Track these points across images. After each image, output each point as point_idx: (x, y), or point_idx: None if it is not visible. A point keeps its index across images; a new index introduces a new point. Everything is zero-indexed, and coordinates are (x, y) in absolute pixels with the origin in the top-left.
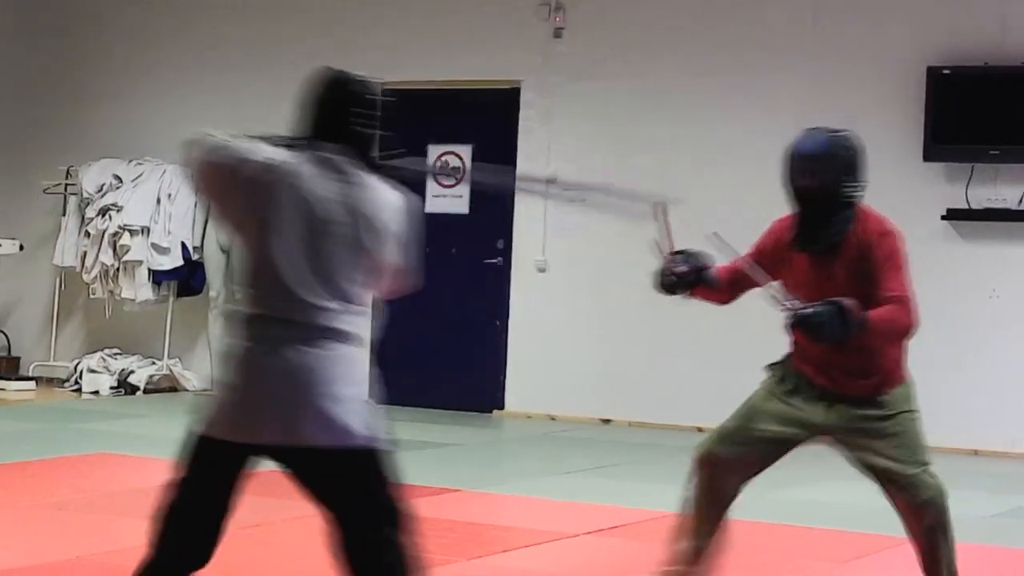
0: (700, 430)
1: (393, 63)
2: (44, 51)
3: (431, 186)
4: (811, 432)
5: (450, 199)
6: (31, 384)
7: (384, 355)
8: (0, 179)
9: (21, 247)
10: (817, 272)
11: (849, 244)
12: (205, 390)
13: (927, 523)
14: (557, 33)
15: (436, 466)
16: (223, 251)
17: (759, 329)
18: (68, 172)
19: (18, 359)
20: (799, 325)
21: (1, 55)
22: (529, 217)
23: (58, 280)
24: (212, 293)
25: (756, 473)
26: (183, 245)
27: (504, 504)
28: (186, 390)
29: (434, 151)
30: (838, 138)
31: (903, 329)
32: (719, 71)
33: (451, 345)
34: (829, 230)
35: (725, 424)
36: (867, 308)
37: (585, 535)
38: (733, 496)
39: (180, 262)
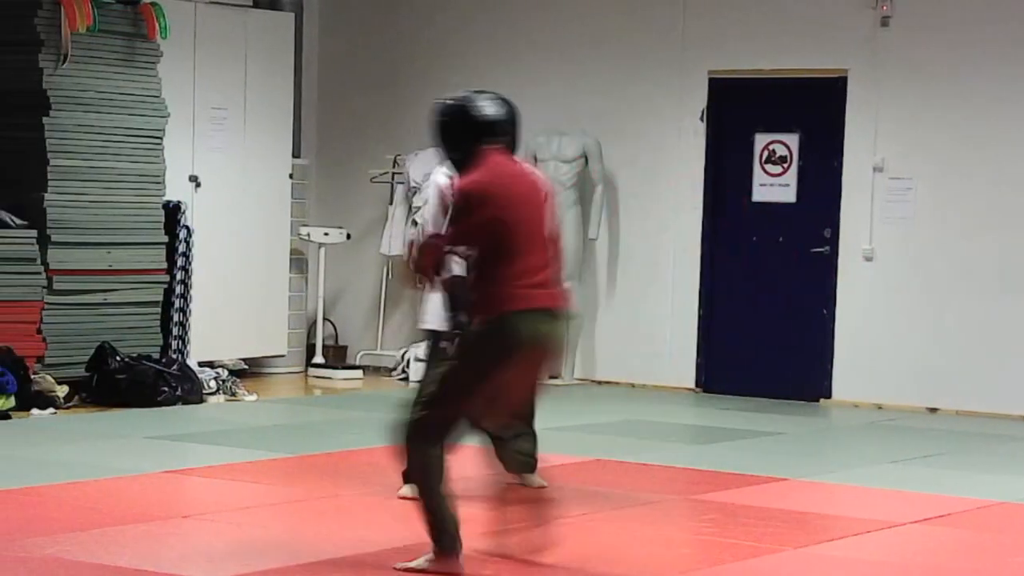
0: None
1: (720, 53)
2: (371, 43)
3: (758, 175)
4: None
5: (777, 188)
6: (358, 373)
7: (712, 344)
8: (328, 169)
9: (348, 236)
10: None
11: None
12: None
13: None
14: (884, 22)
15: (763, 455)
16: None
17: None
18: (395, 161)
19: (345, 348)
20: None
21: (329, 47)
22: (856, 206)
23: (385, 269)
24: None
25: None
26: None
27: (831, 493)
28: None
29: (761, 140)
30: (437, 106)
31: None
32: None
33: (778, 334)
34: None
35: None
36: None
37: (912, 524)
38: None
39: None
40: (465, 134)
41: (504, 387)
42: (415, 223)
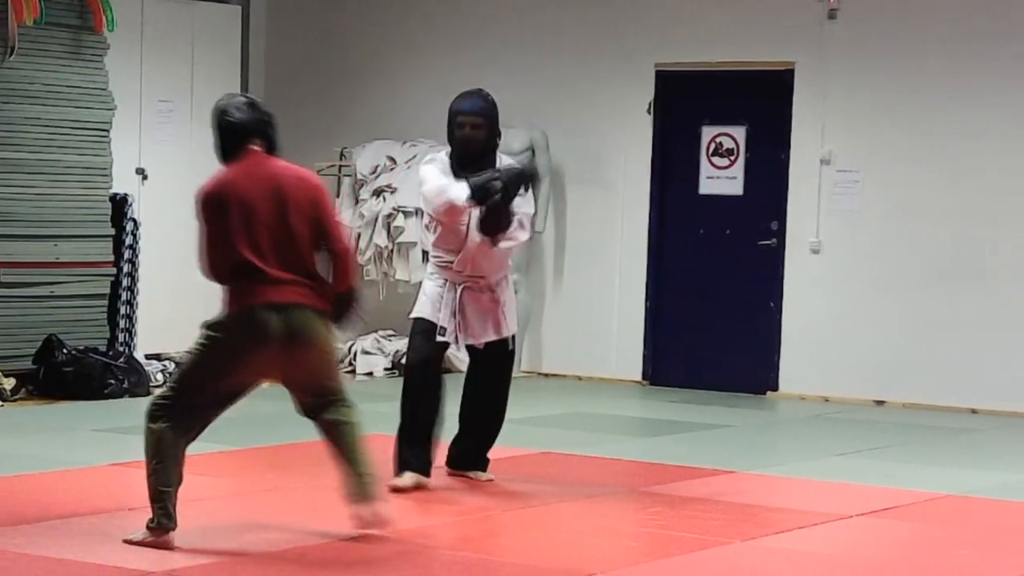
0: (974, 411)
1: (668, 45)
2: (318, 36)
3: (705, 167)
4: None
5: (724, 180)
6: None
7: (658, 336)
8: None
9: None
10: None
11: None
12: None
13: None
14: (831, 14)
15: (710, 448)
16: None
17: None
18: (342, 154)
19: None
20: None
21: (276, 40)
22: (803, 198)
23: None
24: None
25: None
26: None
27: (778, 485)
28: (460, 371)
29: (708, 132)
30: None
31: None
32: (997, 52)
33: (725, 326)
34: None
35: None
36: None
37: (859, 517)
38: None
39: None
40: (221, 138)
41: (248, 379)
42: (362, 216)
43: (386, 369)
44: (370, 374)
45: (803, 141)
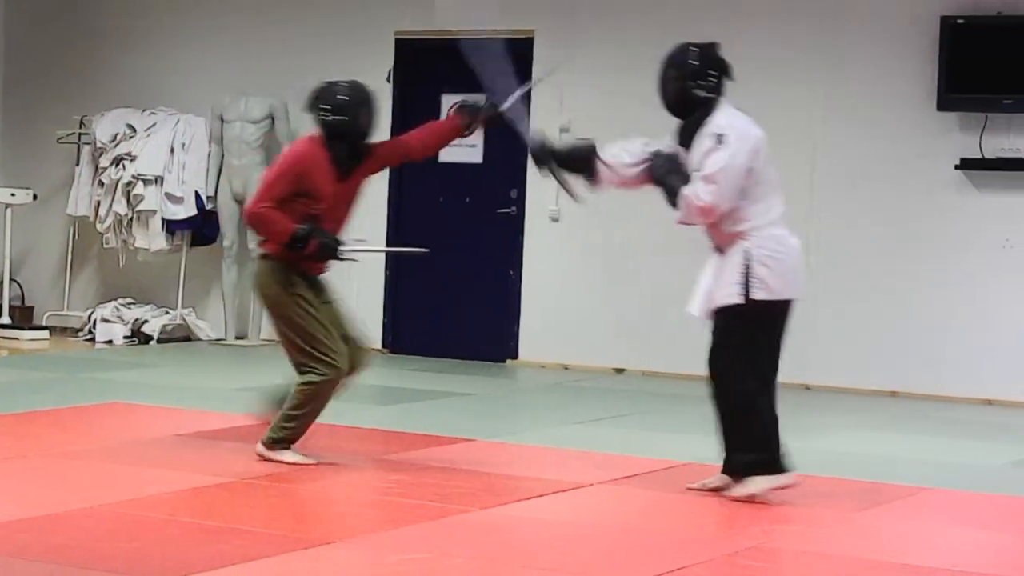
0: None
1: (406, 14)
2: (57, 2)
3: None
4: None
5: (464, 149)
6: (45, 334)
7: (399, 305)
8: (14, 129)
9: (35, 197)
10: None
11: None
12: (218, 339)
13: None
14: None
15: (451, 416)
16: (237, 201)
17: None
18: (82, 122)
19: (32, 309)
20: None
21: (14, 5)
22: None
23: (72, 230)
24: (225, 243)
25: None
26: (197, 195)
27: (517, 454)
28: (199, 339)
29: (448, 101)
30: None
31: None
32: (741, 18)
33: (465, 295)
34: None
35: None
36: None
37: (599, 484)
38: None
39: (194, 212)
40: None
41: None
42: (101, 184)
43: (125, 337)
44: (109, 342)
45: (542, 109)
